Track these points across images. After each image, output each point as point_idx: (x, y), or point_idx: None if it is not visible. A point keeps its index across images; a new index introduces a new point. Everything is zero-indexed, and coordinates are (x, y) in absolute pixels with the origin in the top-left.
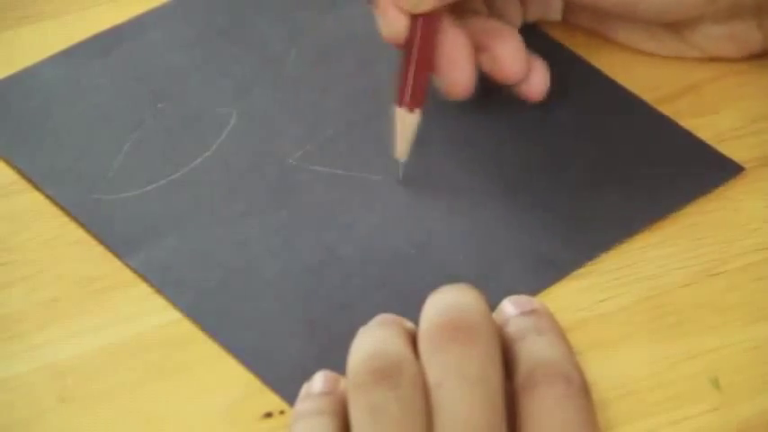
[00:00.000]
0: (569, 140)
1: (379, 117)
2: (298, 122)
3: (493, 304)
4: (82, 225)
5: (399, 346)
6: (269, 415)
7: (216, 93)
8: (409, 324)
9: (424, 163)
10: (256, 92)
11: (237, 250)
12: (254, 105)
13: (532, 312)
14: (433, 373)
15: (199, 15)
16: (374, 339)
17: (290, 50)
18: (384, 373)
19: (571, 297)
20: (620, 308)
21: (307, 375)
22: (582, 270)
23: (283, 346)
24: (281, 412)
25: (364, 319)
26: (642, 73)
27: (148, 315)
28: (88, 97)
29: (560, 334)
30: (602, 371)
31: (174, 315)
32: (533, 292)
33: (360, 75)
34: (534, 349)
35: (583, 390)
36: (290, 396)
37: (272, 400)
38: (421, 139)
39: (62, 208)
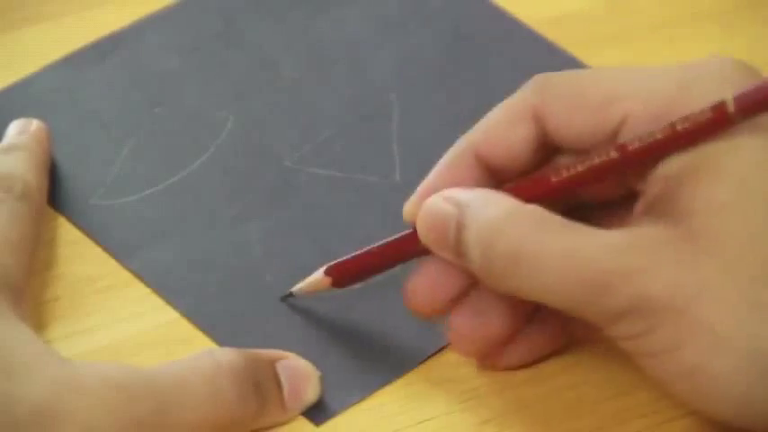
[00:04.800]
0: None
1: (374, 119)
2: (294, 125)
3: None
4: (82, 230)
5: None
6: None
7: (212, 96)
8: None
9: (422, 164)
10: (253, 95)
11: (236, 253)
12: (250, 108)
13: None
14: None
15: (194, 20)
16: None
17: (285, 53)
18: None
19: None
20: None
21: None
22: None
23: (282, 348)
24: None
25: (362, 321)
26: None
27: (148, 314)
28: (85, 104)
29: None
30: (598, 370)
31: (173, 314)
32: None
33: (355, 76)
34: None
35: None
36: None
37: None
38: (418, 141)
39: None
